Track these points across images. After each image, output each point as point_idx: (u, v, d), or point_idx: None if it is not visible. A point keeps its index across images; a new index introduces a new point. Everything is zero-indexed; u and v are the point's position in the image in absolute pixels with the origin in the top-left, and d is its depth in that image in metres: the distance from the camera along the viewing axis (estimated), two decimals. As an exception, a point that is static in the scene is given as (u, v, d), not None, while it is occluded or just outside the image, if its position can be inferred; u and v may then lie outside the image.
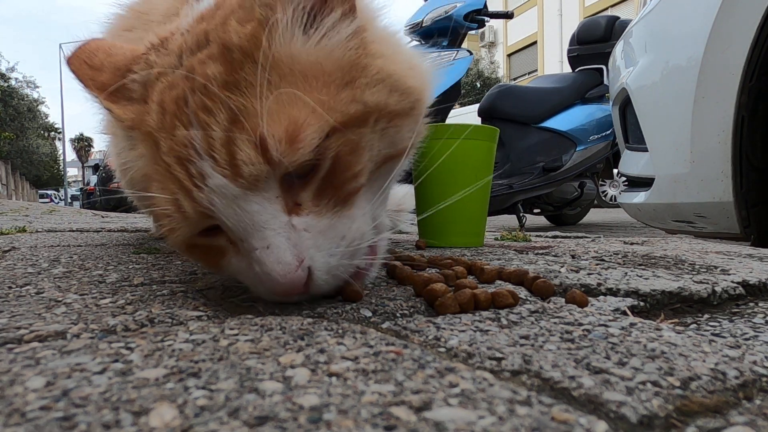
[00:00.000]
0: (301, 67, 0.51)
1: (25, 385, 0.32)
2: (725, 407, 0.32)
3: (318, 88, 0.51)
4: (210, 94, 0.49)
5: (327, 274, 0.52)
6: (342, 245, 0.53)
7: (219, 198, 0.49)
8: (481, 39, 22.13)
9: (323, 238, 0.52)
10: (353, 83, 0.53)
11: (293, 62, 0.51)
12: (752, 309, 0.62)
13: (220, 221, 0.51)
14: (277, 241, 0.49)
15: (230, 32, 0.51)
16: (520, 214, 3.45)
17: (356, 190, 0.54)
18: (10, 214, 3.42)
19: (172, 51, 0.54)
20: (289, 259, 0.49)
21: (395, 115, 0.57)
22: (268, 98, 0.48)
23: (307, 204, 0.52)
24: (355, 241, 0.54)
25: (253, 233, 0.50)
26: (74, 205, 19.89)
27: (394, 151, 0.60)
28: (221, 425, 0.27)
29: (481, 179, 1.21)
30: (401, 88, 0.57)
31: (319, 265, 0.51)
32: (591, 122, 3.54)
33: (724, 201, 1.42)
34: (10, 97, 22.10)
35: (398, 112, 0.57)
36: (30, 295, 0.59)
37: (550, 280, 0.70)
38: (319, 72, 0.52)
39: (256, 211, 0.49)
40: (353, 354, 0.39)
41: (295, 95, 0.49)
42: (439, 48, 3.11)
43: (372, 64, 0.55)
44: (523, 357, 0.39)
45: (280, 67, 0.50)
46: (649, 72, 1.66)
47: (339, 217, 0.53)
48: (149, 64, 0.55)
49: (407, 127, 0.60)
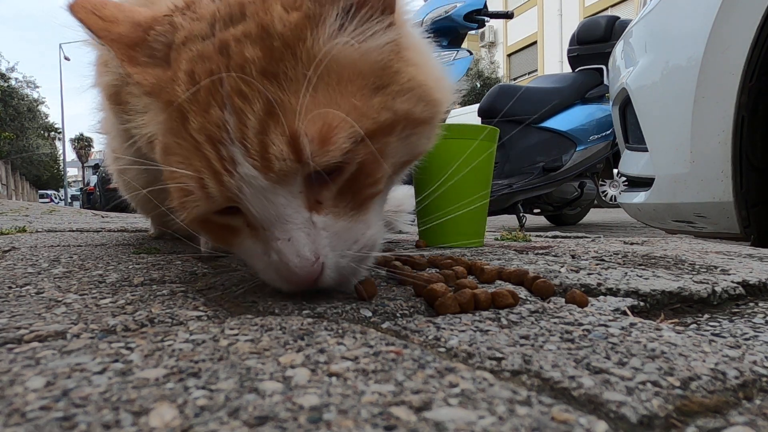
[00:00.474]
0: (339, 68, 0.51)
1: (25, 385, 0.32)
2: (725, 407, 0.32)
3: (353, 92, 0.51)
4: (247, 79, 0.48)
5: (335, 272, 0.54)
6: (354, 248, 0.55)
7: (248, 187, 0.49)
8: (481, 39, 22.12)
9: (338, 240, 0.53)
10: (385, 89, 0.54)
11: (333, 62, 0.51)
12: (752, 309, 0.62)
13: (245, 208, 0.52)
14: (298, 235, 0.51)
15: (273, 16, 0.50)
16: (520, 214, 3.45)
17: (374, 195, 0.56)
18: (10, 214, 3.42)
19: (203, 17, 0.53)
20: (307, 254, 0.51)
21: (419, 123, 0.58)
22: (306, 97, 0.48)
23: (328, 204, 0.53)
24: (366, 248, 0.56)
25: (275, 224, 0.51)
26: (74, 205, 19.88)
27: (411, 157, 0.61)
28: (221, 425, 0.27)
29: (481, 179, 1.21)
30: (428, 98, 0.58)
31: (331, 263, 0.53)
32: (591, 122, 3.54)
33: (724, 201, 1.42)
34: (10, 97, 22.09)
35: (422, 121, 0.58)
36: (30, 295, 0.59)
37: (550, 280, 0.70)
38: (356, 74, 0.52)
39: (281, 204, 0.51)
40: (353, 354, 0.39)
41: (332, 97, 0.50)
42: (439, 48, 3.10)
43: (404, 71, 0.56)
44: (523, 357, 0.39)
45: (320, 66, 0.50)
46: (649, 72, 1.66)
47: (355, 221, 0.55)
48: (174, 26, 0.53)
49: (426, 134, 0.61)
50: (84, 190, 17.32)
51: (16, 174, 24.27)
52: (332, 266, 0.53)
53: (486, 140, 1.21)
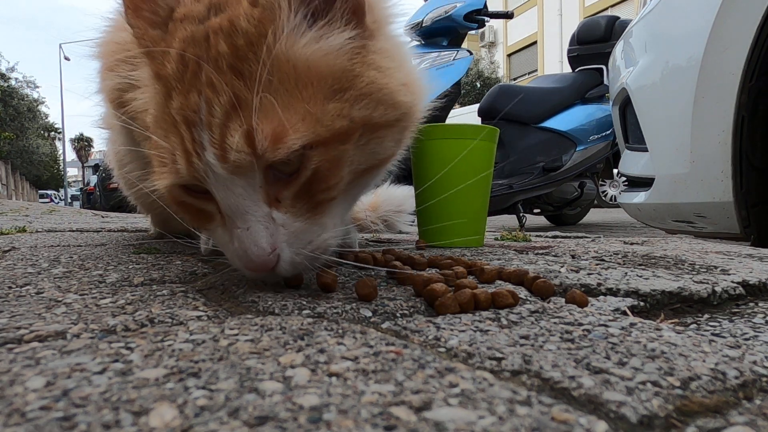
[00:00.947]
0: (297, 69, 0.53)
1: (25, 385, 0.32)
2: (725, 407, 0.32)
3: (310, 95, 0.53)
4: (219, 71, 0.52)
5: (290, 265, 0.58)
6: (308, 248, 0.58)
7: (212, 172, 0.53)
8: (481, 39, 22.12)
9: (294, 238, 0.57)
10: (343, 93, 0.55)
11: (291, 62, 0.53)
12: (752, 309, 0.62)
13: (212, 192, 0.55)
14: (257, 227, 0.55)
15: (240, 10, 0.52)
16: (520, 214, 3.45)
17: (329, 200, 0.58)
18: (10, 214, 3.42)
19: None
20: (264, 245, 0.55)
21: (379, 128, 0.59)
22: (264, 95, 0.51)
23: (286, 203, 0.56)
24: (320, 249, 0.60)
25: (237, 213, 0.55)
26: (74, 205, 19.88)
27: (375, 162, 0.62)
28: (221, 425, 0.27)
29: (481, 179, 1.21)
30: (389, 102, 0.58)
31: (286, 257, 0.57)
32: (591, 122, 3.54)
33: (724, 201, 1.42)
34: (10, 97, 22.09)
35: (382, 124, 0.59)
36: (30, 295, 0.59)
37: (550, 280, 0.70)
38: (313, 76, 0.54)
39: (240, 194, 0.54)
40: (353, 354, 0.39)
41: (289, 99, 0.52)
42: (439, 48, 3.10)
43: (365, 75, 0.57)
44: (523, 357, 0.39)
45: (278, 66, 0.52)
46: (649, 72, 1.66)
47: (311, 224, 0.58)
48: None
49: (391, 138, 0.62)
50: (84, 190, 17.31)
51: (16, 174, 24.27)
52: (287, 260, 0.57)
53: (486, 140, 1.21)
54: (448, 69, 2.99)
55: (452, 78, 2.98)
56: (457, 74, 3.02)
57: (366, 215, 1.54)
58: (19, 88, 23.99)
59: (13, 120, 22.38)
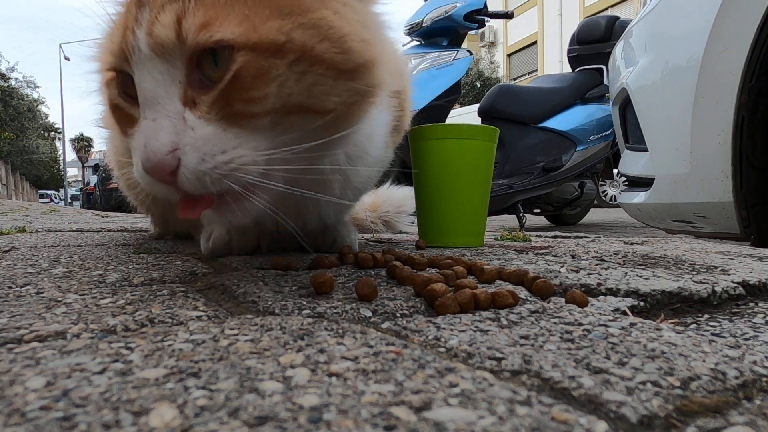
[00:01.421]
0: None
1: (25, 385, 0.32)
2: (725, 407, 0.32)
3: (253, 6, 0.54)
4: None
5: (193, 175, 0.54)
6: (218, 158, 0.55)
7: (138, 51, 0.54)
8: (481, 39, 22.11)
9: (203, 142, 0.54)
10: (289, 17, 0.55)
11: None
12: (752, 309, 0.62)
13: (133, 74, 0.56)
14: (164, 121, 0.54)
15: None
16: (520, 214, 3.45)
17: (251, 115, 0.56)
18: (10, 214, 3.42)
19: None
20: (165, 139, 0.53)
21: (321, 61, 0.57)
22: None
23: (203, 108, 0.55)
24: (232, 163, 0.56)
25: (149, 103, 0.55)
26: (74, 205, 19.88)
27: (311, 105, 0.59)
28: (221, 425, 0.27)
29: (481, 179, 1.21)
30: (338, 42, 0.58)
31: (188, 163, 0.54)
32: (591, 122, 3.54)
33: (724, 201, 1.42)
34: (10, 97, 22.09)
35: (326, 60, 0.57)
36: (30, 295, 0.59)
37: (550, 280, 0.70)
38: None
39: (158, 81, 0.54)
40: (353, 354, 0.39)
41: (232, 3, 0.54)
42: (439, 48, 3.10)
43: (318, 10, 0.57)
44: (523, 357, 0.39)
45: None
46: (649, 72, 1.66)
47: (225, 131, 0.55)
48: None
49: (336, 88, 0.59)
50: (84, 190, 17.32)
51: (16, 174, 24.26)
52: (190, 167, 0.54)
53: (486, 140, 1.21)
54: (448, 69, 2.99)
55: (452, 78, 2.98)
56: (457, 74, 3.02)
57: (366, 215, 1.54)
58: (19, 88, 24.00)
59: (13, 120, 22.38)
